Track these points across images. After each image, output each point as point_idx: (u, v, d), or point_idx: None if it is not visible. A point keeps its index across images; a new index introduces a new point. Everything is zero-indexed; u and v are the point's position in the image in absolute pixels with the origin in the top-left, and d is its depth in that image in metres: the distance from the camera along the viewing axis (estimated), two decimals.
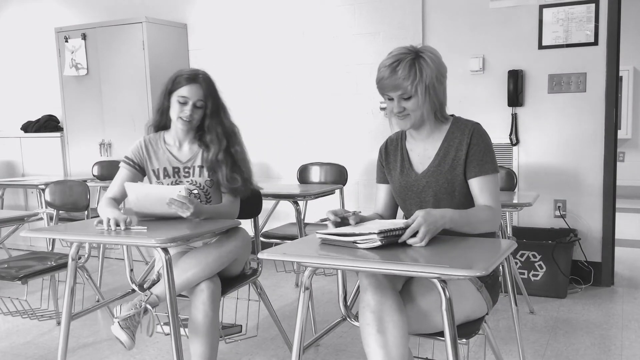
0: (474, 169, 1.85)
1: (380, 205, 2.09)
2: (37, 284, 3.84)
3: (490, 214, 1.81)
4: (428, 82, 1.81)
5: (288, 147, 4.63)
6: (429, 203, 1.90)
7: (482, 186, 1.85)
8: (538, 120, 3.81)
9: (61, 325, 2.33)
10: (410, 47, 1.86)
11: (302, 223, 3.19)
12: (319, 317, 3.25)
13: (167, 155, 2.42)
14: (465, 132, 1.88)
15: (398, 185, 1.98)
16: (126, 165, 2.42)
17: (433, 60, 1.82)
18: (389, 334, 1.61)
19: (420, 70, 1.80)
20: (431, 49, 1.87)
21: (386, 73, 1.81)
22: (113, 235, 2.00)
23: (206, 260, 2.17)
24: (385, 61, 1.84)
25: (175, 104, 2.33)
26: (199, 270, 2.16)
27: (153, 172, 2.42)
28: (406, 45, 1.88)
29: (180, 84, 2.32)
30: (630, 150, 7.82)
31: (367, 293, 1.67)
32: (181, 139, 2.43)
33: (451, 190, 1.87)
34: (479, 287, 1.82)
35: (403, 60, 1.80)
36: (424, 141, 1.96)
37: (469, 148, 1.86)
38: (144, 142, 2.45)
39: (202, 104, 2.34)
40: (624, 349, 2.75)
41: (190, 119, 2.33)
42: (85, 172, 4.93)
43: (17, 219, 2.78)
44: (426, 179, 1.91)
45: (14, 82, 5.86)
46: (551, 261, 3.53)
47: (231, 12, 4.73)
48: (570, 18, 3.65)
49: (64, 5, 5.50)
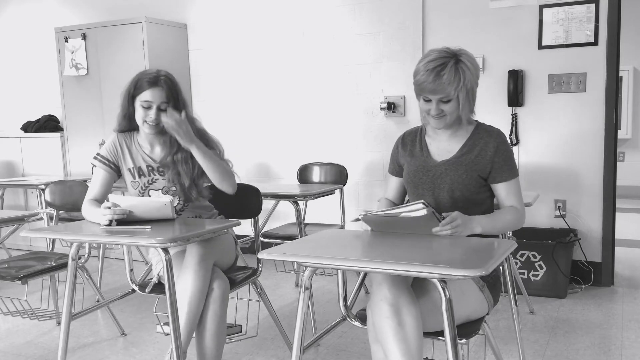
0: (503, 174, 1.96)
1: (391, 193, 2.18)
2: (37, 284, 3.84)
3: (517, 215, 1.94)
4: (469, 87, 1.88)
5: (288, 147, 4.63)
6: (443, 190, 1.95)
7: (509, 190, 1.97)
8: (538, 120, 3.81)
9: (61, 325, 2.33)
10: (448, 49, 1.89)
11: (302, 223, 3.19)
12: (319, 317, 3.25)
13: (142, 154, 2.40)
14: (492, 136, 1.97)
15: (414, 168, 2.03)
16: (102, 166, 2.39)
17: (472, 64, 1.89)
18: (408, 327, 1.62)
19: (463, 76, 1.85)
20: (468, 52, 1.91)
21: (430, 77, 1.84)
22: (113, 236, 2.00)
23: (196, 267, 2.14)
24: (428, 64, 1.86)
25: (139, 108, 2.30)
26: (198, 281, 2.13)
27: (129, 171, 2.39)
28: (441, 47, 1.91)
29: (142, 88, 2.28)
30: (630, 150, 7.82)
31: (382, 287, 1.67)
32: (151, 141, 2.41)
33: (468, 182, 1.94)
34: (480, 286, 1.82)
35: (447, 65, 1.84)
36: (446, 139, 2.03)
37: (496, 153, 1.94)
38: (117, 140, 2.42)
39: (166, 107, 2.29)
40: (624, 349, 2.75)
41: (157, 122, 2.29)
42: (85, 172, 4.93)
43: (17, 219, 2.78)
44: (445, 167, 1.97)
45: (14, 82, 5.86)
46: (551, 261, 3.53)
47: (231, 12, 4.73)
48: (570, 18, 3.65)
49: (64, 5, 5.50)
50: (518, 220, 1.95)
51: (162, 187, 2.36)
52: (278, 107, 4.64)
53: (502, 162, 1.95)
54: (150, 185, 2.38)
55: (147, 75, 2.30)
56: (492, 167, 1.96)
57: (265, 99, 4.68)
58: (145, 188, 2.38)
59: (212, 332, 2.13)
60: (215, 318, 2.13)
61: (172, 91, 2.31)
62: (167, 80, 2.31)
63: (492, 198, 2.05)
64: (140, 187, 2.38)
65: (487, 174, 1.97)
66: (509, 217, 1.93)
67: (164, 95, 2.28)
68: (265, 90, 4.66)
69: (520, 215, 1.96)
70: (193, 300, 2.09)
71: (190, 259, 2.13)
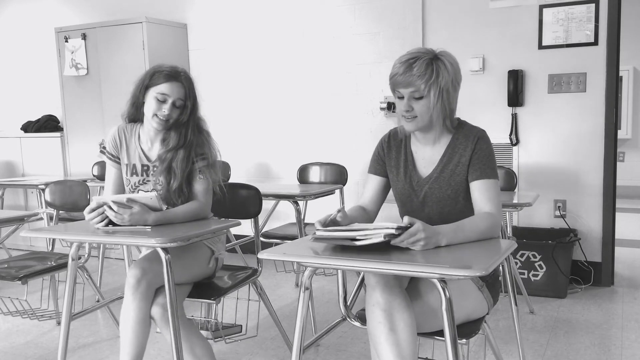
0: (475, 172, 1.83)
1: (368, 197, 2.02)
2: (37, 284, 3.84)
3: (490, 222, 1.75)
4: (443, 85, 1.77)
5: (288, 147, 4.63)
6: (432, 207, 1.88)
7: (482, 190, 1.81)
8: (538, 120, 3.81)
9: (61, 325, 2.33)
10: (429, 49, 1.81)
11: (302, 223, 3.19)
12: (319, 317, 3.25)
13: (139, 152, 2.34)
14: (469, 138, 1.85)
15: (400, 189, 1.95)
16: (111, 162, 2.37)
17: (452, 65, 1.79)
18: (400, 331, 1.60)
19: (437, 71, 1.76)
20: (450, 54, 1.83)
21: (401, 69, 1.77)
22: (113, 236, 2.00)
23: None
24: (402, 57, 1.80)
25: (151, 100, 2.21)
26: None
27: (125, 166, 2.35)
28: (421, 49, 1.83)
29: (159, 80, 2.20)
30: (630, 150, 7.82)
31: (375, 291, 1.66)
32: (152, 138, 2.33)
33: (455, 196, 1.86)
34: (480, 286, 1.82)
35: (421, 59, 1.76)
36: (430, 146, 1.92)
37: (473, 153, 1.83)
38: (118, 131, 2.37)
39: (182, 104, 2.24)
40: (624, 349, 2.75)
41: (168, 118, 2.22)
42: (85, 172, 4.93)
43: (17, 219, 2.78)
44: (429, 185, 1.88)
45: (14, 82, 5.86)
46: (551, 261, 3.53)
47: (231, 12, 4.73)
48: (570, 18, 3.65)
49: (64, 5, 5.50)
50: (491, 228, 1.74)
51: (151, 189, 2.30)
52: (278, 107, 4.64)
53: (476, 160, 1.83)
54: (140, 186, 2.33)
55: (166, 69, 2.22)
56: (470, 166, 1.84)
57: (265, 99, 4.67)
58: (135, 188, 2.34)
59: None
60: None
61: (191, 89, 2.26)
62: (187, 78, 2.26)
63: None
64: (131, 185, 2.35)
65: (467, 175, 1.86)
66: (481, 227, 1.72)
67: (182, 92, 2.22)
68: (265, 90, 4.66)
69: (494, 224, 1.75)
70: (128, 332, 2.06)
71: (127, 284, 2.07)
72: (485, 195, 1.81)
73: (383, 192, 2.03)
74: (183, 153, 2.26)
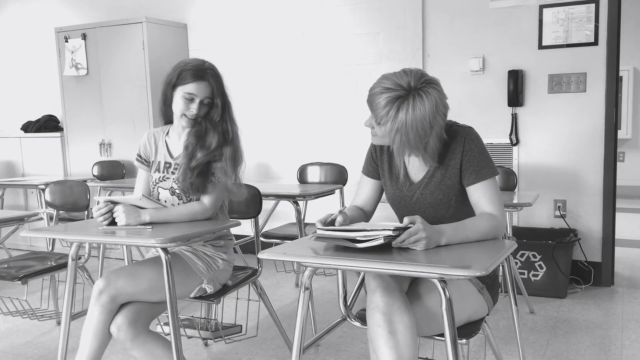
0: (471, 176, 1.79)
1: (363, 198, 2.01)
2: (37, 284, 3.84)
3: (492, 223, 1.72)
4: (400, 126, 1.69)
5: (288, 147, 4.63)
6: (424, 213, 1.86)
7: (481, 193, 1.77)
8: (538, 120, 3.81)
9: (61, 325, 2.33)
10: (411, 84, 1.68)
11: (302, 223, 3.19)
12: (319, 317, 3.25)
13: (165, 150, 2.35)
14: (457, 140, 1.81)
15: (392, 194, 1.94)
16: (140, 165, 2.38)
17: (421, 109, 1.67)
18: (400, 335, 1.60)
19: (396, 111, 1.68)
20: (434, 92, 1.69)
21: (373, 91, 1.74)
22: (113, 236, 2.00)
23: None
24: (382, 81, 1.73)
25: (179, 99, 2.18)
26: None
27: (153, 163, 2.37)
28: (409, 78, 1.69)
29: (186, 79, 2.16)
30: (630, 150, 7.82)
31: (375, 294, 1.65)
32: (180, 133, 2.32)
33: (447, 200, 1.84)
34: (480, 288, 1.82)
35: (390, 92, 1.69)
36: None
37: (463, 155, 1.80)
38: (148, 136, 2.39)
39: (210, 102, 2.22)
40: (624, 349, 2.75)
41: (196, 117, 2.20)
42: (85, 172, 4.93)
43: (17, 219, 2.78)
44: (420, 191, 1.87)
45: (14, 82, 5.86)
46: (551, 261, 3.53)
47: (231, 12, 4.73)
48: (570, 18, 3.65)
49: (64, 5, 5.50)
50: (493, 229, 1.71)
51: (169, 187, 2.29)
52: (278, 107, 4.64)
53: (468, 163, 1.78)
54: (160, 183, 2.32)
55: (192, 66, 2.17)
56: (462, 169, 1.80)
57: (265, 99, 4.68)
58: (155, 184, 2.33)
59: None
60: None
61: (218, 86, 2.21)
62: (214, 75, 2.20)
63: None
64: (153, 181, 2.34)
65: (461, 178, 1.82)
66: (483, 228, 1.70)
67: (209, 90, 2.19)
68: (265, 90, 4.67)
69: (497, 224, 1.72)
70: (85, 340, 2.06)
71: (92, 295, 2.05)
72: (485, 197, 1.78)
73: (378, 194, 2.03)
74: (230, 150, 2.25)
